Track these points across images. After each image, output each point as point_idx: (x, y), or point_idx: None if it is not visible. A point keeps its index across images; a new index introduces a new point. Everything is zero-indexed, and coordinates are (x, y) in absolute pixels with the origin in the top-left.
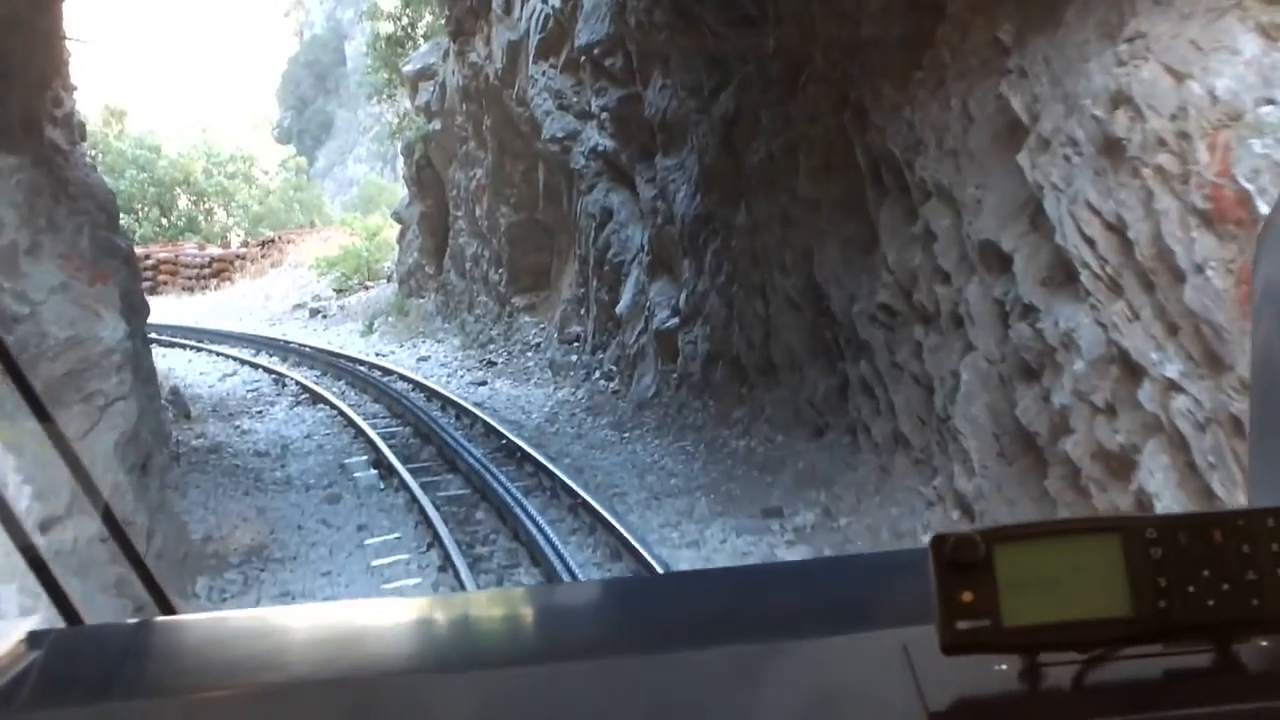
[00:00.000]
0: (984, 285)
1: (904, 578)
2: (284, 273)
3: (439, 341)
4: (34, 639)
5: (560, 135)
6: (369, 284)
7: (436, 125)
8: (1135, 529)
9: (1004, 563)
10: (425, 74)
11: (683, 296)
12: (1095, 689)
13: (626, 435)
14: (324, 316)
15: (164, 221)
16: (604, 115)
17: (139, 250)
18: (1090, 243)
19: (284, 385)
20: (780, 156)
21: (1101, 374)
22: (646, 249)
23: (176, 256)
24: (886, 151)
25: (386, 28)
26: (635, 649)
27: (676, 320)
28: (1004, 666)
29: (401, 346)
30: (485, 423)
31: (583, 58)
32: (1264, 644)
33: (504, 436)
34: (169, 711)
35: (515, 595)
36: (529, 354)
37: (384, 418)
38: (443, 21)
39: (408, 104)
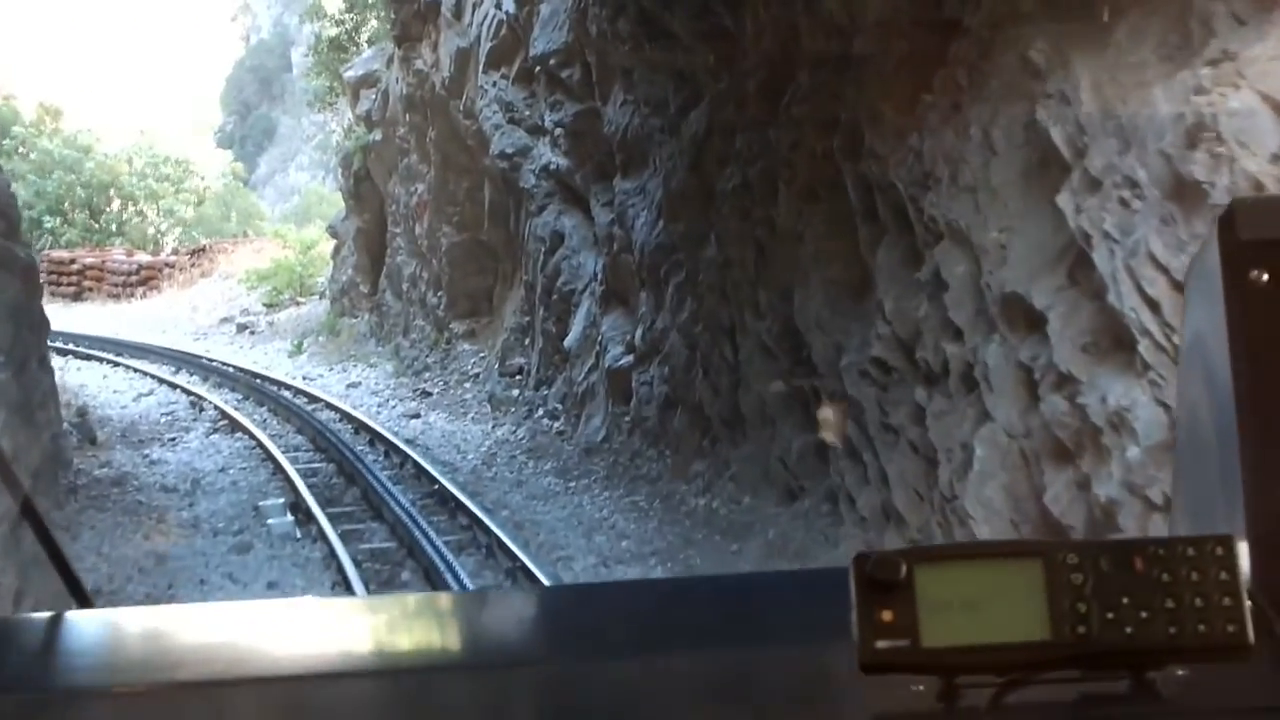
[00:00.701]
0: (1007, 346)
1: (825, 595)
2: (213, 284)
3: (371, 366)
4: None
5: (510, 151)
6: (301, 300)
7: (377, 136)
8: (1057, 554)
9: (925, 583)
10: (367, 81)
11: (639, 333)
12: (1012, 712)
13: (572, 485)
14: (252, 333)
15: (94, 225)
16: (558, 131)
17: (65, 254)
18: (1153, 305)
19: (202, 410)
20: (757, 184)
21: (1161, 463)
22: (600, 278)
23: (104, 262)
24: (886, 183)
25: (329, 30)
26: (550, 658)
27: (631, 358)
28: (922, 687)
29: (331, 370)
30: (416, 463)
31: (537, 68)
32: (1180, 673)
33: (436, 481)
34: (87, 705)
35: (447, 599)
36: (467, 385)
37: (306, 451)
38: (388, 26)
39: (350, 112)
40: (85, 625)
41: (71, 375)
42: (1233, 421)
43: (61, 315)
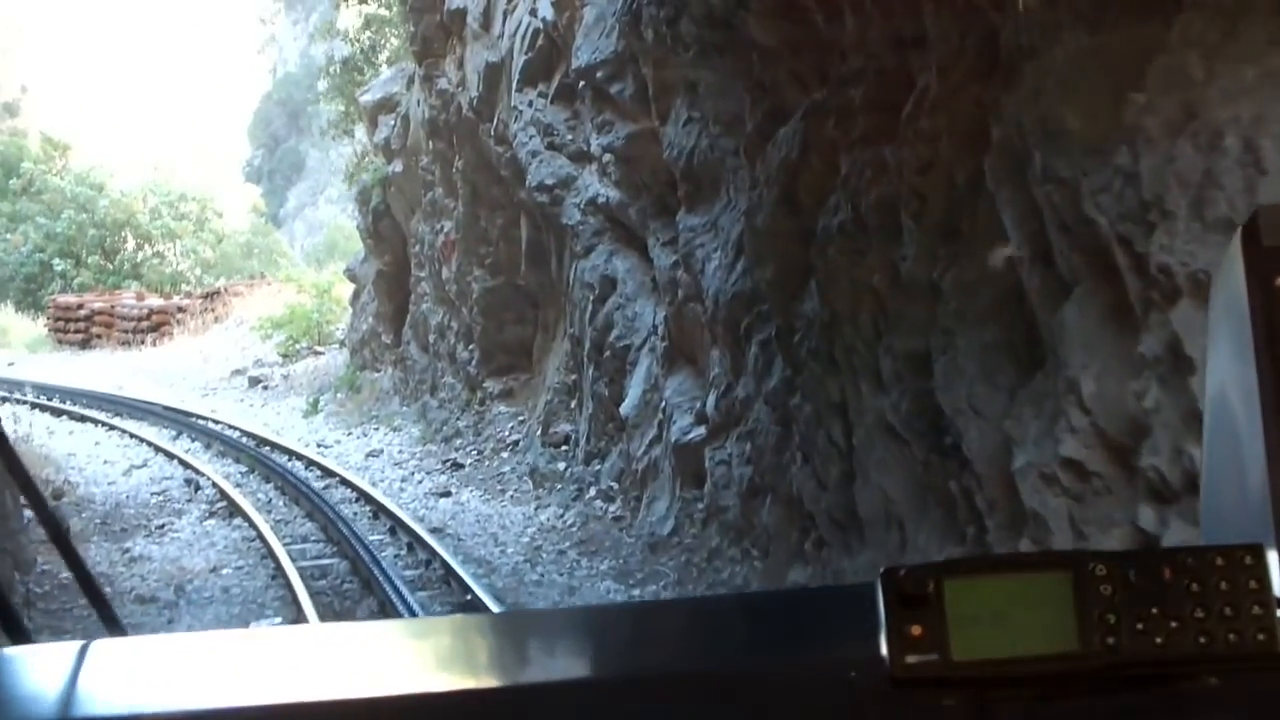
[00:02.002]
0: None
1: (854, 611)
2: (227, 330)
3: (395, 430)
4: None
5: (550, 182)
6: (319, 349)
7: (397, 167)
8: (1086, 565)
9: (954, 597)
10: (386, 105)
11: (712, 400)
12: None
13: (636, 592)
14: (265, 387)
15: (107, 267)
16: (607, 157)
17: (72, 299)
18: None
19: (198, 488)
20: (873, 219)
21: None
22: (661, 333)
23: (113, 307)
24: (1076, 218)
25: (343, 50)
26: (579, 674)
27: (703, 431)
28: (951, 702)
29: (350, 434)
30: (445, 562)
31: (581, 84)
32: (1211, 681)
33: (469, 589)
34: None
35: (486, 620)
36: (504, 455)
37: (316, 543)
38: (407, 42)
39: (367, 140)
40: (116, 652)
41: (62, 441)
42: (1259, 429)
43: (67, 366)
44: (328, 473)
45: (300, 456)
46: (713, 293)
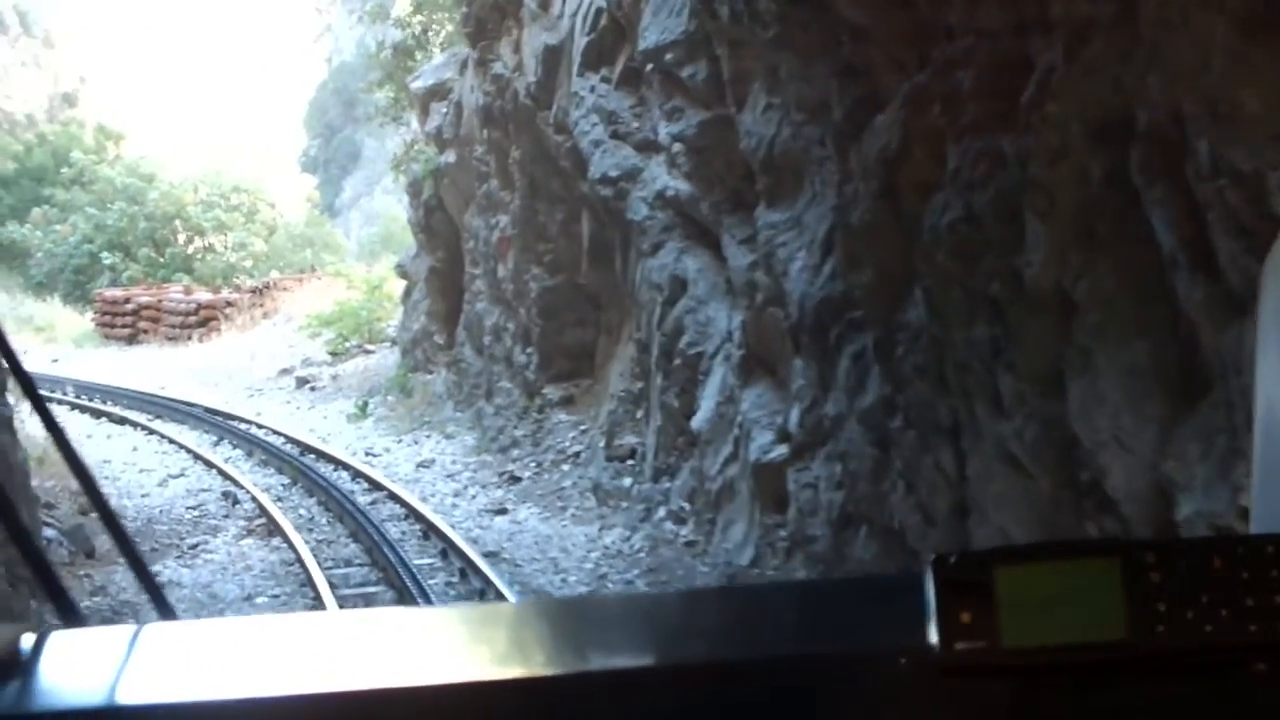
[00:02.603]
0: None
1: (904, 598)
2: (275, 327)
3: (448, 437)
4: (34, 639)
5: (614, 174)
6: (369, 348)
7: (450, 157)
8: (1135, 552)
9: (1004, 583)
10: (438, 92)
11: (795, 415)
12: (1091, 713)
13: None
14: (313, 388)
15: (157, 260)
16: (677, 147)
17: (119, 293)
18: None
19: (236, 502)
20: (989, 218)
21: None
22: (738, 340)
23: (160, 301)
24: (1259, 217)
25: (394, 34)
26: (626, 660)
27: (785, 450)
28: (1000, 688)
29: (400, 441)
30: (500, 594)
31: (649, 67)
32: (1261, 669)
33: None
34: (169, 716)
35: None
36: (565, 468)
37: (359, 567)
38: (460, 23)
39: (419, 129)
40: (168, 636)
41: (99, 446)
42: None
43: (111, 362)
44: (375, 486)
45: (346, 466)
46: (797, 297)
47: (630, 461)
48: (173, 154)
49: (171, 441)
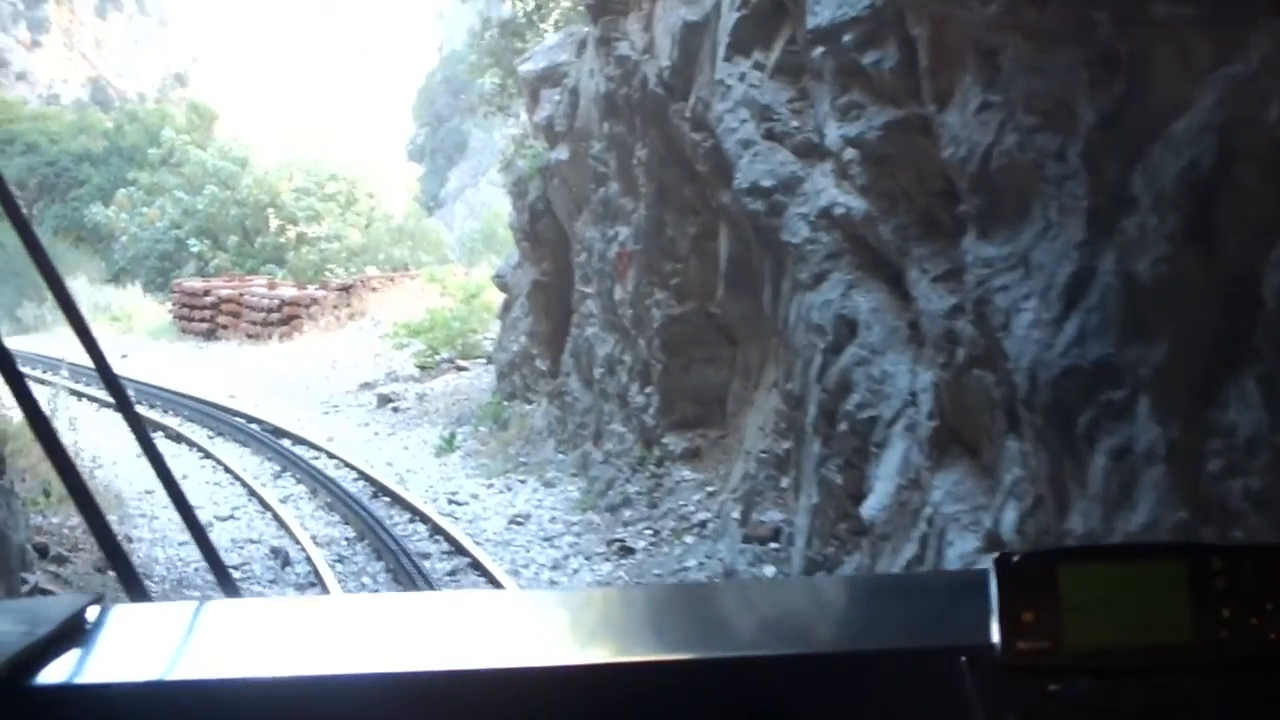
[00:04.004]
0: None
1: (967, 596)
2: (361, 331)
3: (547, 485)
4: (100, 613)
5: (766, 184)
6: (461, 363)
7: (562, 154)
8: (1201, 557)
9: (1068, 584)
10: (550, 77)
11: (1011, 517)
12: (1152, 715)
13: None
14: (395, 409)
15: (247, 249)
16: (850, 153)
17: (198, 284)
18: None
19: (288, 563)
20: None
21: None
22: (928, 407)
23: (241, 295)
24: None
25: (503, 10)
26: (704, 650)
27: None
28: (1061, 687)
29: (490, 486)
30: None
31: (818, 51)
32: None
33: None
34: (228, 691)
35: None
36: (688, 539)
37: None
38: None
39: (525, 122)
40: (230, 614)
41: (142, 471)
42: None
43: (184, 361)
44: (457, 548)
45: (425, 519)
46: (1024, 360)
47: (774, 545)
48: (271, 138)
49: (227, 470)
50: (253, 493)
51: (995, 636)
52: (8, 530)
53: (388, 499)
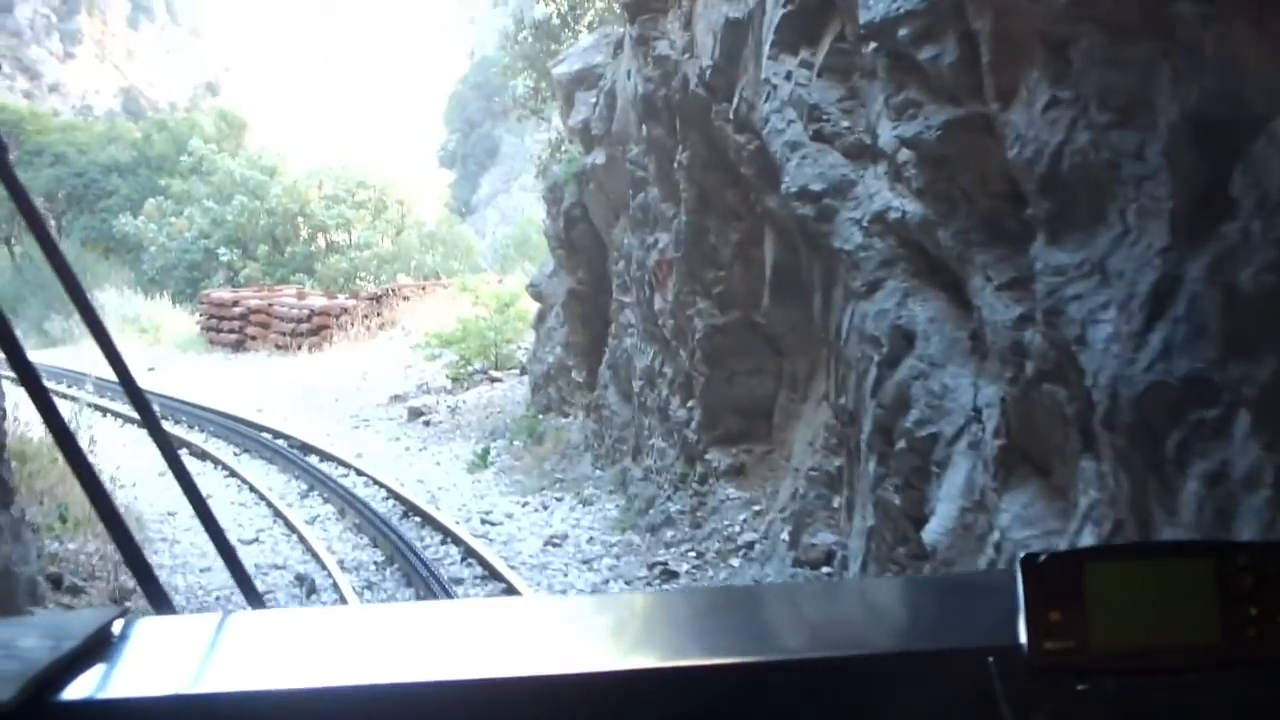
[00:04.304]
0: None
1: (994, 597)
2: (391, 342)
3: (585, 503)
4: (126, 624)
5: (816, 187)
6: (494, 375)
7: (598, 158)
8: (1228, 556)
9: (1094, 584)
10: (585, 79)
11: (1086, 542)
12: (1180, 714)
13: None
14: (427, 423)
15: (277, 258)
16: (906, 154)
17: (227, 295)
18: None
19: (314, 590)
20: None
21: None
22: (994, 424)
23: (270, 305)
24: None
25: (536, 12)
26: (736, 654)
27: None
28: (1088, 687)
29: (525, 504)
30: None
31: (870, 47)
32: None
33: None
34: (253, 704)
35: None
36: (735, 562)
37: None
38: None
39: (560, 126)
40: (254, 625)
41: (164, 491)
42: None
43: (211, 374)
44: (491, 573)
45: (458, 540)
46: (1103, 376)
47: (826, 570)
48: (300, 145)
49: (252, 489)
50: (278, 514)
51: (1023, 637)
52: (14, 565)
53: (418, 519)
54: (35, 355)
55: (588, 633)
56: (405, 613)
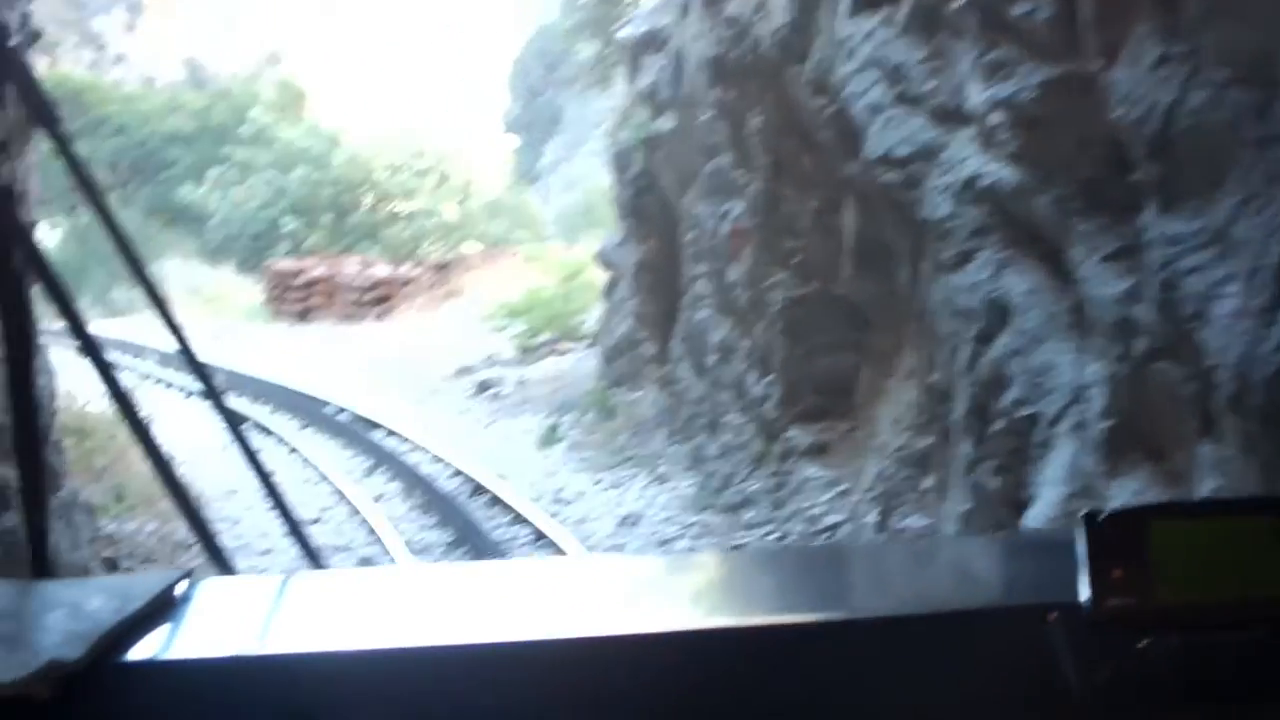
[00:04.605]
0: None
1: (1056, 554)
2: (458, 310)
3: (659, 481)
4: (189, 585)
5: (901, 152)
6: (563, 346)
7: (667, 124)
8: None
9: (1157, 540)
10: (652, 42)
11: None
12: (1246, 670)
13: None
14: (495, 396)
15: (341, 228)
16: (997, 117)
17: (291, 265)
18: None
19: None
20: None
21: None
22: (1101, 404)
23: (335, 275)
24: None
25: None
26: (787, 615)
27: None
28: (1151, 644)
29: (598, 482)
30: None
31: (957, 3)
32: None
33: None
34: (316, 665)
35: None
36: (819, 543)
37: None
38: None
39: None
40: (316, 585)
41: (229, 468)
42: None
43: (278, 343)
44: (562, 556)
45: (524, 522)
46: (1230, 355)
47: None
48: (363, 114)
49: (315, 468)
50: (341, 495)
51: (1084, 594)
52: (63, 552)
53: (486, 497)
54: (99, 325)
55: (648, 592)
56: (470, 572)
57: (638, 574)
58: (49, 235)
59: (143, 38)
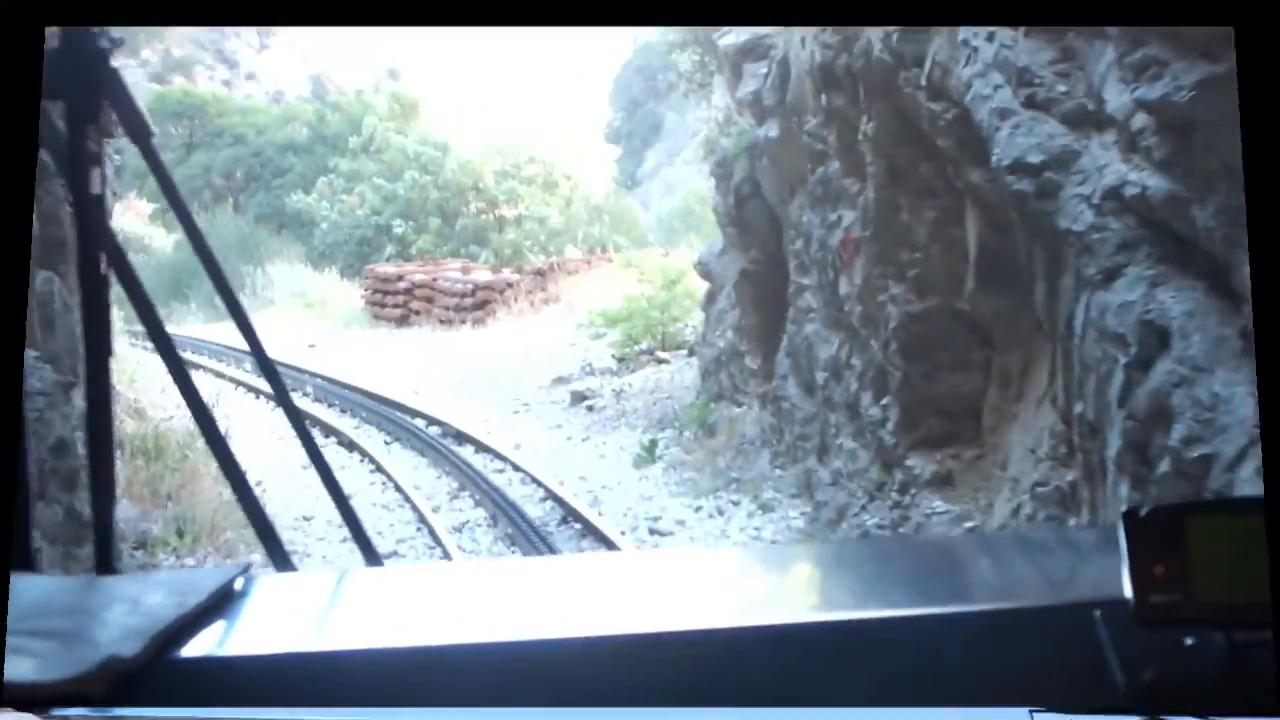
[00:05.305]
0: None
1: (1099, 552)
2: (556, 317)
3: (764, 509)
4: (247, 582)
5: (1034, 160)
6: (662, 355)
7: (771, 131)
8: None
9: (1197, 537)
10: (754, 50)
11: None
12: None
13: None
14: (591, 408)
15: (447, 232)
16: (1142, 120)
17: (390, 270)
18: None
19: None
20: None
21: None
22: None
23: (435, 280)
24: None
25: None
26: (845, 609)
27: None
28: (1194, 640)
29: (698, 509)
30: None
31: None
32: None
33: None
34: (371, 661)
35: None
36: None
37: None
38: None
39: (728, 100)
40: (373, 581)
41: (309, 488)
42: None
43: (374, 350)
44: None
45: (614, 548)
46: None
47: None
48: (471, 125)
49: (398, 489)
50: (423, 521)
51: (1128, 591)
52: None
53: (579, 526)
54: (203, 330)
55: (702, 588)
56: (523, 568)
57: (694, 568)
58: (167, 240)
59: (272, 58)
